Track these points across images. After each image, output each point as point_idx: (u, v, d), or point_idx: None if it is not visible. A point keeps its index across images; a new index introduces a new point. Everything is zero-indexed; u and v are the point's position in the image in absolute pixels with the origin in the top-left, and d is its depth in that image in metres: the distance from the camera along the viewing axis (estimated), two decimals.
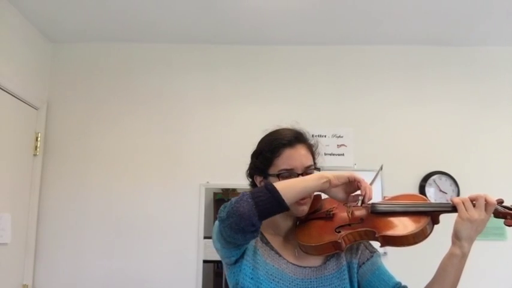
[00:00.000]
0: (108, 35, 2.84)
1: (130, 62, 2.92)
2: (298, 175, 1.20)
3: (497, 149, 2.82)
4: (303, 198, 1.19)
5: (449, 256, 1.10)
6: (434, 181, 2.75)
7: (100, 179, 2.75)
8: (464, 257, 1.09)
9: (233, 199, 1.08)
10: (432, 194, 2.73)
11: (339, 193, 1.15)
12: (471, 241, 1.09)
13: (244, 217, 1.03)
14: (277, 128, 1.30)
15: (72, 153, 2.78)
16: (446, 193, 2.73)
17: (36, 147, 2.70)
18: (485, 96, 2.89)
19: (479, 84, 2.91)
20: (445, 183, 2.75)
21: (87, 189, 2.74)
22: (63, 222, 2.70)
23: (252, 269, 1.17)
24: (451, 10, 2.50)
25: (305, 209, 1.23)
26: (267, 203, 1.03)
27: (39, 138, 2.72)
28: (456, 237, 1.09)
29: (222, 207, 1.11)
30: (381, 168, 1.38)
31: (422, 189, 2.73)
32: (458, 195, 2.72)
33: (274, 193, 1.04)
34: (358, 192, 1.23)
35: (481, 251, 2.60)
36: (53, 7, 2.49)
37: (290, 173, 1.20)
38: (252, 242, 1.20)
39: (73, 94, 2.86)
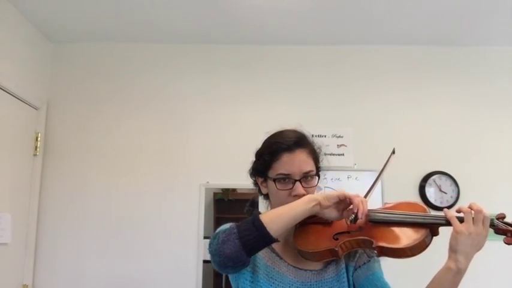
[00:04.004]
0: (108, 35, 2.84)
1: (131, 62, 2.92)
2: (295, 181, 1.18)
3: (498, 148, 2.82)
4: None
5: (445, 270, 1.07)
6: (434, 181, 2.75)
7: (100, 179, 2.75)
8: (459, 272, 1.05)
9: (220, 234, 1.05)
10: (432, 194, 2.73)
11: (332, 213, 1.12)
12: (467, 256, 1.05)
13: (232, 258, 1.02)
14: (281, 129, 1.29)
15: (72, 153, 2.78)
16: (446, 193, 2.72)
17: (36, 147, 2.70)
18: (486, 96, 2.88)
19: (480, 84, 2.90)
20: (445, 183, 2.74)
21: (87, 189, 2.74)
22: (63, 222, 2.70)
23: (252, 273, 1.17)
24: (452, 10, 2.50)
25: None
26: (255, 241, 1.01)
27: (39, 138, 2.71)
28: (452, 250, 1.06)
29: (211, 239, 1.08)
30: (393, 152, 1.34)
31: (422, 189, 2.73)
32: (458, 195, 2.72)
33: (262, 230, 1.01)
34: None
35: (481, 251, 2.60)
36: (53, 7, 2.49)
37: (287, 178, 1.19)
38: None
39: (73, 94, 2.86)
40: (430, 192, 2.73)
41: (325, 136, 2.78)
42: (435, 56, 2.94)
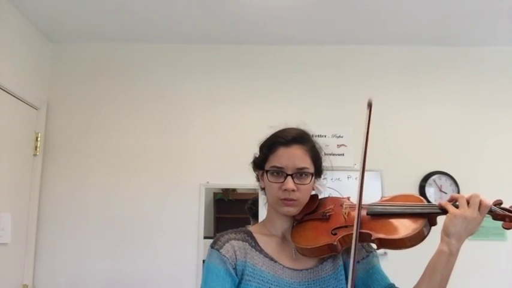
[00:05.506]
0: (108, 35, 2.84)
1: (131, 62, 2.92)
2: (287, 175, 1.19)
3: (497, 148, 2.82)
4: (289, 199, 1.19)
5: (437, 254, 1.08)
6: (434, 181, 2.75)
7: (100, 178, 2.75)
8: (452, 255, 1.06)
9: None
10: (432, 194, 2.73)
11: None
12: (460, 239, 1.06)
13: None
14: (285, 127, 1.30)
15: (72, 153, 2.78)
16: (446, 193, 2.72)
17: (36, 147, 2.70)
18: (486, 96, 2.88)
19: (479, 84, 2.90)
20: (445, 183, 2.74)
21: (87, 189, 2.74)
22: (63, 222, 2.70)
23: (245, 284, 1.15)
24: (452, 10, 2.50)
25: (290, 210, 1.20)
26: None
27: (39, 138, 2.71)
28: (445, 232, 1.07)
29: None
30: (369, 105, 1.33)
31: (422, 189, 2.73)
32: None
33: None
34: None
35: (481, 251, 2.60)
36: (53, 7, 2.49)
37: (280, 172, 1.20)
38: (241, 259, 1.18)
39: (73, 94, 2.86)
40: (430, 192, 2.73)
41: (325, 136, 2.78)
42: (435, 56, 2.94)
